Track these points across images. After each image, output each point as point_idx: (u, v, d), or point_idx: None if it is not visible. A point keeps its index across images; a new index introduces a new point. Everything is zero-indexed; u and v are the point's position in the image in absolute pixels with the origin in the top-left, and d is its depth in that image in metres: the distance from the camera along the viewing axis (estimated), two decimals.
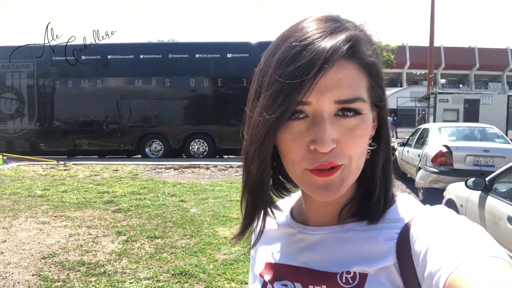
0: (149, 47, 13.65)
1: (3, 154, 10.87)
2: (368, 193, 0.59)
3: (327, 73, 0.49)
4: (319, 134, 0.50)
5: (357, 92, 0.51)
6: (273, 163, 0.60)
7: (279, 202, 0.66)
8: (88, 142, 12.51)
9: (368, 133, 0.54)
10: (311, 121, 0.51)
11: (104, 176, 8.58)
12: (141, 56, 12.25)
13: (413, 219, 0.55)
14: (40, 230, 4.69)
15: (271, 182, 0.62)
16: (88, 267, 3.59)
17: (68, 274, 3.44)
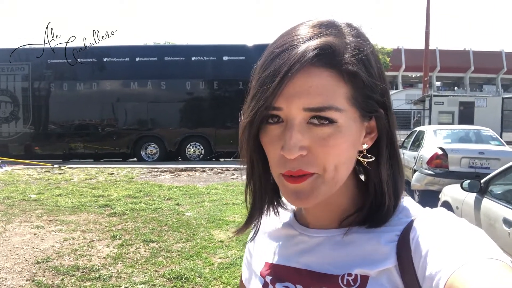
0: (145, 50, 13.59)
1: None
2: (376, 203, 0.58)
3: (295, 80, 0.50)
4: (286, 140, 0.51)
5: (329, 101, 0.50)
6: None
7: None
8: (83, 146, 12.43)
9: (348, 144, 0.53)
10: (285, 127, 0.52)
11: (99, 180, 8.53)
12: (137, 59, 12.20)
13: (413, 222, 0.55)
14: (34, 235, 4.64)
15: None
16: (83, 272, 3.56)
17: (63, 279, 3.41)
